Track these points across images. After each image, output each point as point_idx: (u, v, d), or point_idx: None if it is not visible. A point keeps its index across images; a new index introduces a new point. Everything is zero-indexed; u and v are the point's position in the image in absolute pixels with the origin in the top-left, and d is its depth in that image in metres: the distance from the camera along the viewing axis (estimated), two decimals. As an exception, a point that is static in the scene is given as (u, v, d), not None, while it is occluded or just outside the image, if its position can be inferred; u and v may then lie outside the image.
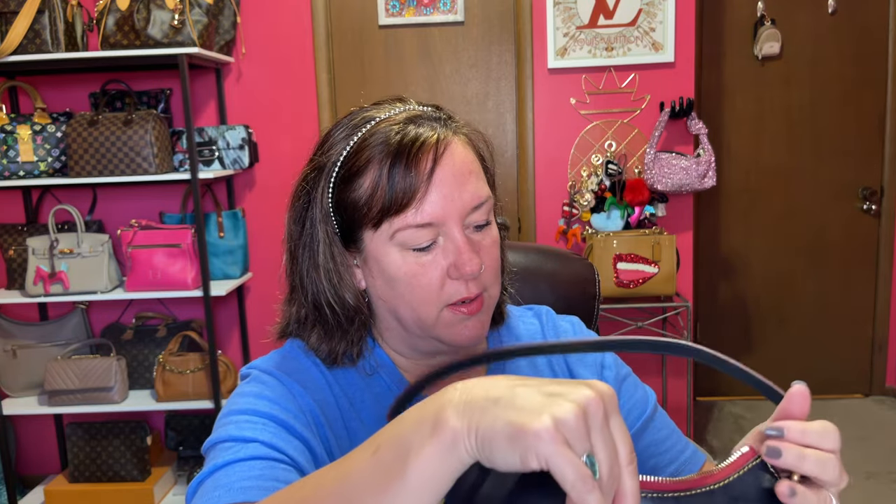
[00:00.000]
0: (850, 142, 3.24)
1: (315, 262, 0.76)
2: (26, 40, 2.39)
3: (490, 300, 0.77)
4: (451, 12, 2.81)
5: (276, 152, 2.82)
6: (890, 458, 2.84)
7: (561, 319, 0.93)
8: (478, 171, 0.75)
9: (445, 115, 0.77)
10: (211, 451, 0.69)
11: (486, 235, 0.75)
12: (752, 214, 3.32)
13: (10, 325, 2.70)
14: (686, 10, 2.73)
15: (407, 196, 0.70)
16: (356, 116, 0.77)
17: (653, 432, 0.86)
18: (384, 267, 0.73)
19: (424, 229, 0.71)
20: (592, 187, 2.77)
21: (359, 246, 0.75)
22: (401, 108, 0.76)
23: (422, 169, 0.70)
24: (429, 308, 0.73)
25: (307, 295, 0.77)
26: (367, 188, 0.72)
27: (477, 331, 0.75)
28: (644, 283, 2.64)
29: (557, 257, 1.22)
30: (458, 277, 0.72)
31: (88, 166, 2.44)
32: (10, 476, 2.67)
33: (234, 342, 2.95)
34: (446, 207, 0.71)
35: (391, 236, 0.72)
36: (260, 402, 0.71)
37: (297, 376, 0.76)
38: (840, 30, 3.16)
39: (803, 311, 3.37)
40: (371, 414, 0.77)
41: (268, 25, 2.77)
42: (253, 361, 0.80)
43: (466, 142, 0.76)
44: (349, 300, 0.76)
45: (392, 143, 0.71)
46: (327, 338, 0.77)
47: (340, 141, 0.75)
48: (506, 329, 0.89)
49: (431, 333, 0.75)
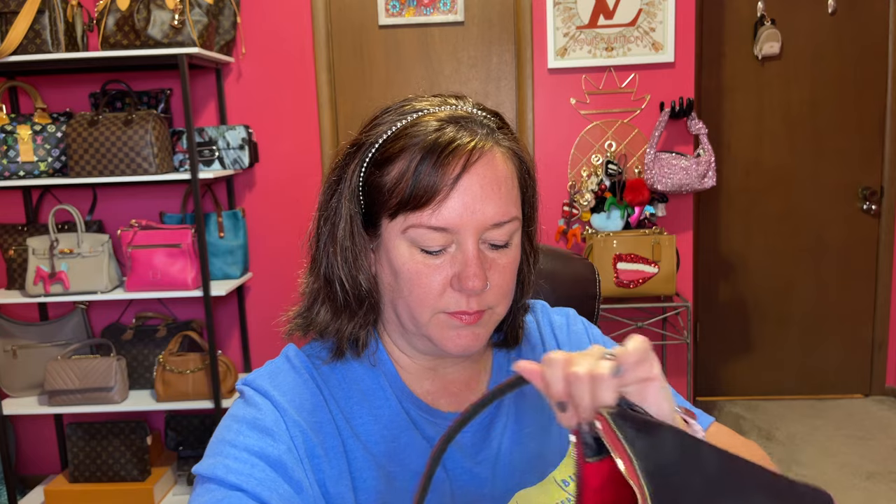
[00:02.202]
0: (850, 142, 3.24)
1: (334, 236, 0.75)
2: (26, 40, 2.39)
3: (493, 316, 0.74)
4: (451, 12, 2.81)
5: (276, 152, 2.82)
6: (890, 458, 2.84)
7: (555, 314, 0.93)
8: (510, 189, 0.72)
9: (497, 123, 0.74)
10: (198, 486, 0.68)
11: (503, 256, 0.73)
12: (752, 214, 3.32)
13: (10, 325, 2.70)
14: (686, 10, 2.73)
15: (427, 195, 0.68)
16: (408, 103, 0.75)
17: None
18: (391, 258, 0.72)
19: (438, 233, 0.69)
20: (592, 187, 2.77)
21: (377, 231, 0.74)
22: (453, 105, 0.74)
23: (449, 172, 0.68)
24: (424, 309, 0.72)
25: (321, 268, 0.76)
26: (393, 176, 0.70)
27: (469, 341, 0.73)
28: (644, 283, 2.64)
29: (557, 257, 1.22)
30: (460, 290, 0.70)
31: (88, 166, 2.44)
32: (10, 476, 2.67)
33: (234, 342, 2.95)
34: (465, 217, 0.69)
35: (404, 230, 0.70)
36: (252, 435, 0.70)
37: (293, 396, 0.74)
38: (840, 30, 3.16)
39: (803, 311, 3.37)
40: (368, 430, 0.76)
41: (268, 25, 2.77)
42: (248, 376, 0.77)
43: (509, 156, 0.73)
44: (361, 281, 0.75)
45: (428, 139, 0.69)
46: (335, 316, 0.76)
47: (385, 124, 0.73)
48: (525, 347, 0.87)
49: (424, 333, 0.74)
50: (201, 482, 0.68)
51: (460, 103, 0.75)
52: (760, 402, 3.38)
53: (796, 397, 3.40)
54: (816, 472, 2.76)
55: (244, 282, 2.79)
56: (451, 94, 0.77)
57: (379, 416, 0.76)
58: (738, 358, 3.43)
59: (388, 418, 0.76)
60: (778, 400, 3.39)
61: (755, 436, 3.06)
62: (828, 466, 2.80)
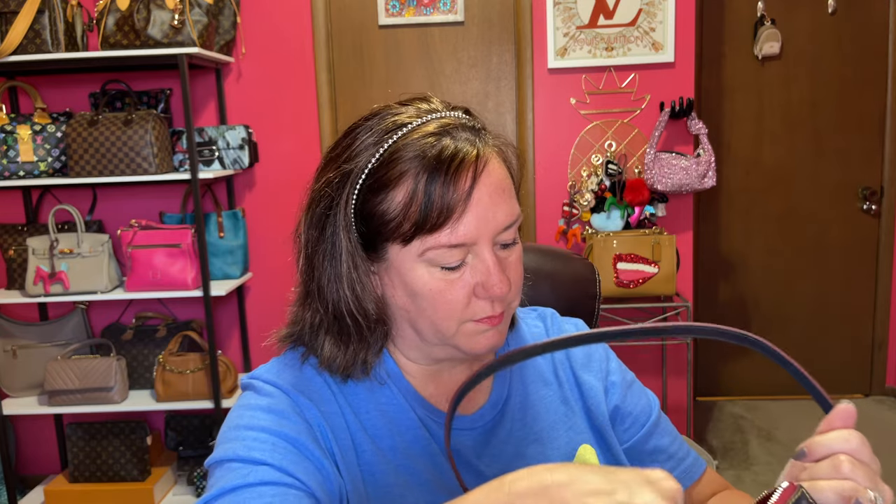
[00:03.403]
0: (850, 142, 3.24)
1: (338, 271, 0.72)
2: (26, 40, 2.39)
3: (510, 310, 0.76)
4: (451, 12, 2.81)
5: (276, 152, 2.82)
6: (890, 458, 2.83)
7: (565, 322, 0.93)
8: (510, 189, 0.72)
9: (479, 124, 0.74)
10: (217, 470, 0.66)
11: (513, 252, 0.73)
12: (752, 214, 3.32)
13: (10, 325, 2.70)
14: (686, 10, 2.73)
15: (443, 216, 0.67)
16: (385, 119, 0.72)
17: (658, 437, 0.87)
18: (408, 281, 0.71)
19: (456, 249, 0.68)
20: (592, 187, 2.77)
21: (381, 255, 0.72)
22: (430, 113, 0.72)
23: (461, 188, 0.67)
24: (451, 323, 0.71)
25: (327, 304, 0.73)
26: (399, 203, 0.68)
27: (496, 340, 0.73)
28: (644, 283, 2.64)
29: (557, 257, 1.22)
30: (486, 297, 0.70)
31: (88, 166, 2.44)
32: (10, 476, 2.67)
33: (234, 342, 2.95)
34: (481, 228, 0.68)
35: (421, 254, 0.69)
36: (268, 418, 0.69)
37: (302, 387, 0.74)
38: (840, 30, 3.16)
39: (803, 311, 3.37)
40: (376, 425, 0.76)
41: (268, 25, 2.77)
42: (254, 371, 0.77)
43: (500, 156, 0.73)
44: (371, 310, 0.74)
45: (429, 158, 0.67)
46: (343, 346, 0.74)
47: (369, 147, 0.71)
48: (511, 333, 0.88)
49: (450, 343, 0.73)
50: (219, 465, 0.66)
51: (432, 105, 0.74)
52: (760, 402, 3.38)
53: (796, 397, 3.40)
54: (816, 472, 2.75)
55: (244, 282, 2.79)
56: (416, 98, 0.76)
57: (386, 412, 0.76)
58: (738, 358, 3.43)
59: (395, 413, 0.76)
60: (778, 400, 3.39)
61: (755, 435, 3.06)
62: (828, 466, 2.80)
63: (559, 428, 0.83)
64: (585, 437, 0.83)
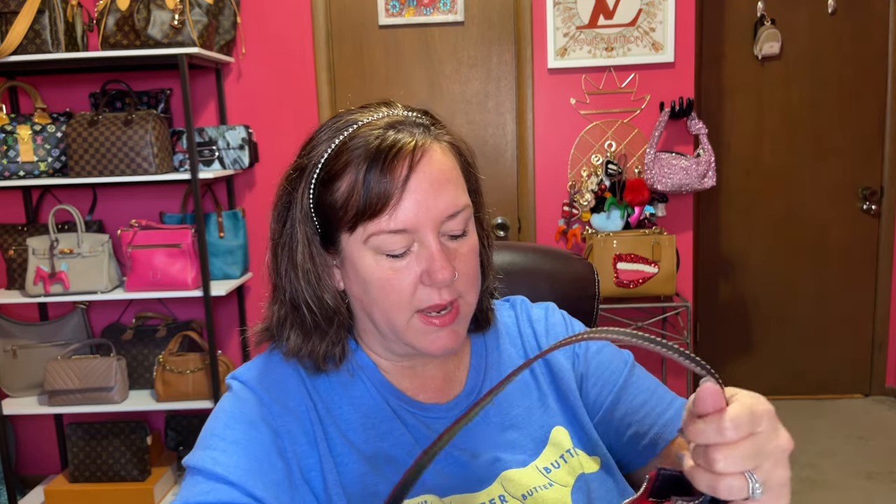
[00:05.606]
0: (850, 142, 3.24)
1: (294, 261, 0.76)
2: (26, 40, 2.39)
3: (466, 308, 0.77)
4: (451, 12, 2.81)
5: (276, 152, 2.82)
6: (890, 458, 2.84)
7: (534, 307, 0.94)
8: (456, 179, 0.75)
9: (430, 120, 0.77)
10: (187, 477, 0.70)
11: (464, 244, 0.76)
12: (752, 214, 3.32)
13: (10, 325, 2.70)
14: (686, 10, 2.73)
15: (381, 201, 0.70)
16: (340, 119, 0.77)
17: (627, 402, 0.84)
18: (359, 270, 0.74)
19: (398, 235, 0.71)
20: (592, 187, 2.77)
21: (337, 248, 0.76)
22: (385, 113, 0.76)
23: (397, 175, 0.70)
24: (400, 313, 0.74)
25: (285, 294, 0.78)
26: (343, 191, 0.72)
27: (449, 341, 0.75)
28: (644, 283, 2.64)
29: (557, 257, 1.22)
30: (431, 284, 0.73)
31: (88, 166, 2.44)
32: (10, 476, 2.67)
33: (234, 342, 2.95)
34: (420, 215, 0.71)
35: (365, 240, 0.72)
36: (239, 429, 0.72)
37: (277, 391, 0.76)
38: (840, 30, 3.16)
39: (803, 311, 3.37)
40: (349, 419, 0.78)
41: (268, 25, 2.77)
42: (237, 369, 0.80)
43: (448, 149, 0.76)
44: (328, 301, 0.77)
45: (370, 148, 0.71)
46: (306, 339, 0.78)
47: (323, 143, 0.75)
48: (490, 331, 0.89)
49: (402, 339, 0.76)
50: (190, 474, 0.70)
51: (393, 109, 0.77)
52: (760, 402, 3.37)
53: (796, 397, 3.41)
54: (816, 472, 2.76)
55: (244, 282, 2.79)
56: (380, 102, 0.79)
57: (359, 406, 0.79)
58: (738, 358, 3.43)
59: (369, 407, 0.79)
60: (778, 400, 3.39)
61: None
62: (828, 466, 2.80)
63: (534, 412, 0.84)
64: (558, 420, 0.84)
